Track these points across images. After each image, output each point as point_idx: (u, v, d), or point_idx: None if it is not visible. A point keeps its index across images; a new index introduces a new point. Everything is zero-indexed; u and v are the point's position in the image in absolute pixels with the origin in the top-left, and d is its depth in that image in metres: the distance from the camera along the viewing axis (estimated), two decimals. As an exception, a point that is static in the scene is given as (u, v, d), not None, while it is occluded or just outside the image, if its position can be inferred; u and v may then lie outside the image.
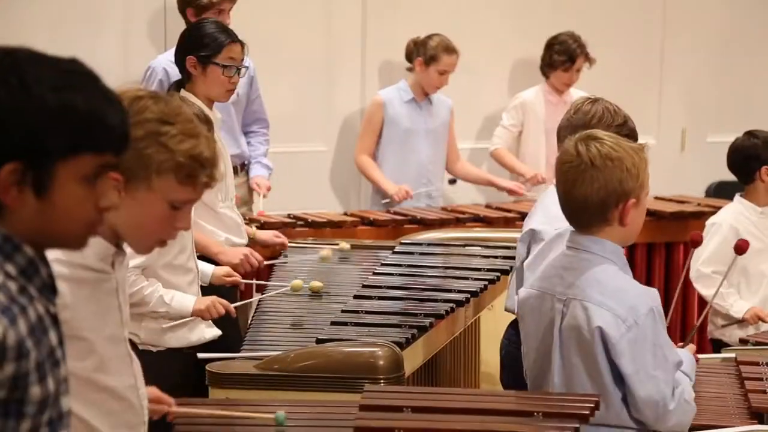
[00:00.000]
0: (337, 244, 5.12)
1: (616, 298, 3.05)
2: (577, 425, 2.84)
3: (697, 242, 3.95)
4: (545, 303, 3.15)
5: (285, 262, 4.90)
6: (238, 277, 4.43)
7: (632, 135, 3.73)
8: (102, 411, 2.55)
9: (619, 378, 3.06)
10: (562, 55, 6.71)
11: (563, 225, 3.26)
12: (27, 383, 1.82)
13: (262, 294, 4.49)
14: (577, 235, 3.15)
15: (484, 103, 7.25)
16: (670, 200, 6.48)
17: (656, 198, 6.50)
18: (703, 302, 5.69)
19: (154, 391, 2.86)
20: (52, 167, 1.85)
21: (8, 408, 1.81)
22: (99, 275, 2.53)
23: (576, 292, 3.09)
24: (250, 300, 4.51)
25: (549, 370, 3.15)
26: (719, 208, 5.43)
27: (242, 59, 4.70)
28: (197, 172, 2.55)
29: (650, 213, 6.03)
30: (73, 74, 1.87)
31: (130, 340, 2.68)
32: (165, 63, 5.40)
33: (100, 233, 2.34)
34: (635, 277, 6.04)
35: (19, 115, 1.82)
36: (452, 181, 6.73)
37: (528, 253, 3.78)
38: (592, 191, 3.06)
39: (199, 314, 3.95)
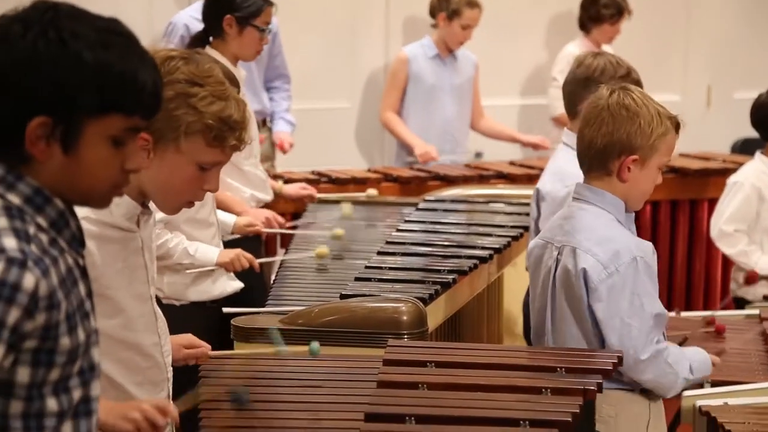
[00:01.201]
0: (364, 193, 5.14)
1: (602, 245, 3.07)
2: (600, 380, 2.85)
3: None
4: (546, 252, 3.19)
5: (308, 222, 4.90)
6: (259, 227, 4.45)
7: (637, 86, 3.76)
8: (128, 368, 2.58)
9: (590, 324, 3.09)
10: (610, 8, 6.62)
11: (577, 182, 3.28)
12: (57, 333, 1.84)
13: (286, 253, 4.50)
14: (581, 186, 3.17)
15: (522, 59, 7.22)
16: (695, 157, 6.45)
17: (681, 155, 6.47)
18: (727, 260, 5.69)
19: (190, 337, 2.90)
20: (81, 124, 1.86)
21: (38, 357, 1.83)
22: (125, 234, 2.55)
23: (569, 239, 3.12)
24: (274, 258, 4.53)
25: (546, 318, 3.19)
26: (743, 164, 5.40)
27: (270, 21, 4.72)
28: (226, 134, 2.55)
29: (674, 170, 6.02)
30: (112, 34, 1.88)
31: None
32: (186, 19, 5.40)
33: (127, 192, 2.36)
34: (659, 234, 6.07)
35: (54, 68, 1.84)
36: (479, 155, 6.71)
37: (538, 212, 3.83)
38: (599, 135, 3.08)
39: (224, 266, 3.98)
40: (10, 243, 1.80)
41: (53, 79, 1.84)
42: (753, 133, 5.44)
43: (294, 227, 4.83)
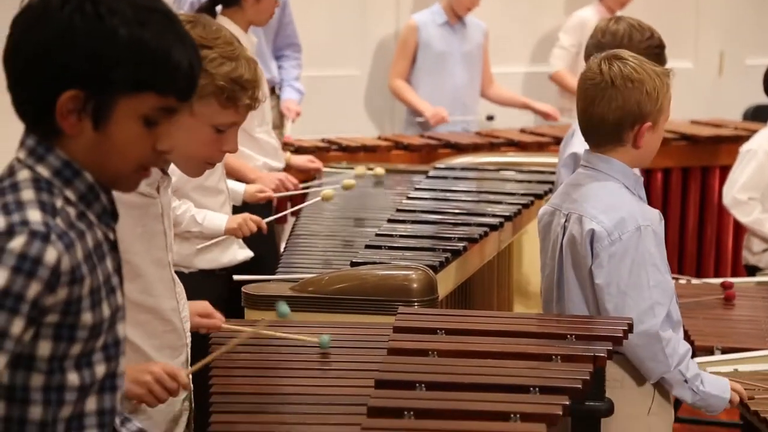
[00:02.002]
0: (372, 169, 5.13)
1: (608, 213, 3.06)
2: (610, 347, 2.85)
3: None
4: (555, 219, 3.19)
5: (320, 187, 4.91)
6: (270, 193, 4.46)
7: (661, 45, 3.81)
8: (146, 332, 2.59)
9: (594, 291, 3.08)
10: None
11: None
12: (79, 308, 1.83)
13: (297, 216, 4.51)
14: (590, 153, 3.17)
15: (540, 25, 7.19)
16: (707, 124, 6.43)
17: (692, 122, 6.45)
18: (738, 228, 5.68)
19: (206, 306, 2.90)
20: (113, 101, 1.84)
21: (60, 332, 1.83)
22: (146, 200, 2.56)
23: (576, 207, 3.12)
24: (284, 213, 4.53)
25: (553, 284, 3.19)
26: (756, 132, 5.39)
27: None
28: (239, 94, 2.56)
29: (686, 137, 6.01)
30: (150, 11, 1.86)
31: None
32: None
33: None
34: (670, 201, 6.07)
35: (89, 43, 1.82)
36: (490, 118, 6.69)
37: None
38: (610, 110, 3.06)
39: (232, 232, 3.98)
40: (35, 216, 1.80)
41: (87, 54, 1.82)
42: (765, 100, 5.43)
43: (306, 188, 4.84)
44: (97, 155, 1.87)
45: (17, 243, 1.77)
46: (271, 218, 4.31)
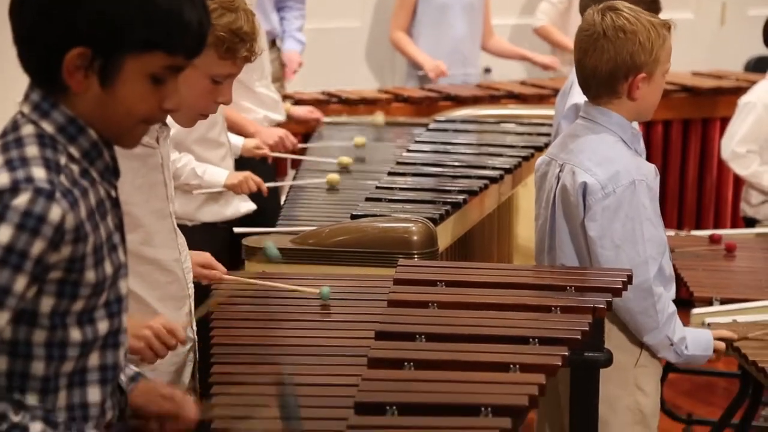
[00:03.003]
0: (370, 117, 5.14)
1: (603, 166, 3.07)
2: (609, 299, 2.87)
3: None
4: (550, 169, 3.20)
5: (319, 145, 4.90)
6: (266, 150, 4.46)
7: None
8: (148, 283, 2.60)
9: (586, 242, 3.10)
10: None
11: None
12: (83, 266, 1.84)
13: (295, 177, 4.51)
14: (588, 105, 3.17)
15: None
16: (708, 75, 6.41)
17: (693, 73, 6.44)
18: (738, 180, 5.68)
19: (207, 257, 2.92)
20: (121, 59, 1.84)
21: (63, 289, 1.84)
22: (146, 150, 2.56)
23: (570, 158, 3.13)
24: (283, 183, 4.54)
25: (545, 235, 3.20)
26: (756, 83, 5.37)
27: None
28: (237, 46, 2.56)
29: (687, 89, 5.99)
30: None
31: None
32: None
33: None
34: (670, 153, 6.06)
35: (98, 1, 1.81)
36: (487, 70, 6.67)
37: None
38: (602, 62, 3.06)
39: (232, 188, 3.99)
40: (39, 173, 1.80)
41: (96, 11, 1.81)
42: (767, 52, 5.41)
43: (303, 150, 4.84)
44: (103, 112, 1.87)
45: (22, 200, 1.77)
46: (272, 184, 4.32)
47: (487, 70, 6.60)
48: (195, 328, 2.75)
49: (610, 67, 3.07)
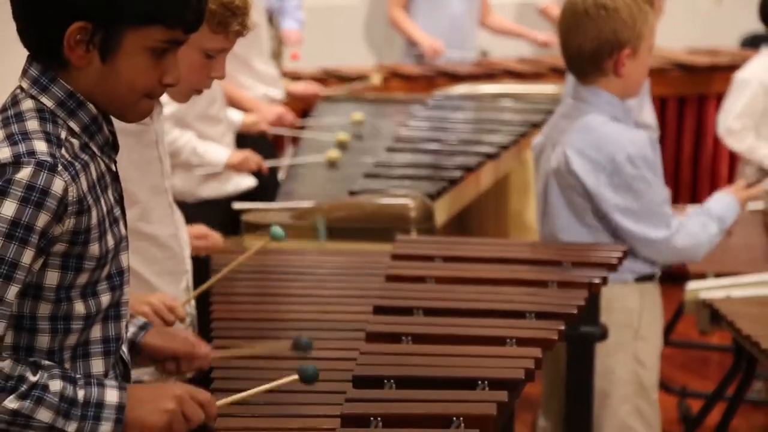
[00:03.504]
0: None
1: (596, 146, 3.09)
2: (605, 274, 2.89)
3: None
4: (546, 148, 3.21)
5: (318, 124, 4.92)
6: (264, 125, 4.48)
7: None
8: (146, 258, 2.63)
9: (591, 221, 3.13)
10: None
11: None
12: (87, 239, 1.86)
13: (295, 154, 4.53)
14: (578, 85, 3.19)
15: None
16: (704, 52, 6.42)
17: (689, 50, 6.45)
18: (733, 157, 5.70)
19: (201, 228, 2.94)
20: (122, 34, 1.85)
21: (67, 262, 1.86)
22: (140, 127, 2.58)
23: (563, 138, 3.15)
24: (283, 162, 4.56)
25: (542, 212, 3.24)
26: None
27: None
28: (229, 20, 2.56)
29: (682, 66, 6.00)
30: None
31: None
32: None
33: None
34: (666, 130, 6.08)
35: None
36: (484, 54, 6.67)
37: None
38: (585, 40, 3.09)
39: (232, 168, 4.01)
40: (41, 147, 1.81)
41: None
42: (763, 28, 5.42)
43: (302, 127, 4.86)
44: (105, 86, 1.88)
45: (24, 174, 1.78)
46: (272, 162, 4.33)
47: (484, 54, 6.60)
48: (194, 303, 2.78)
49: (594, 46, 3.08)
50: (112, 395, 1.85)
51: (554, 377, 3.27)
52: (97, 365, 1.93)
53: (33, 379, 1.80)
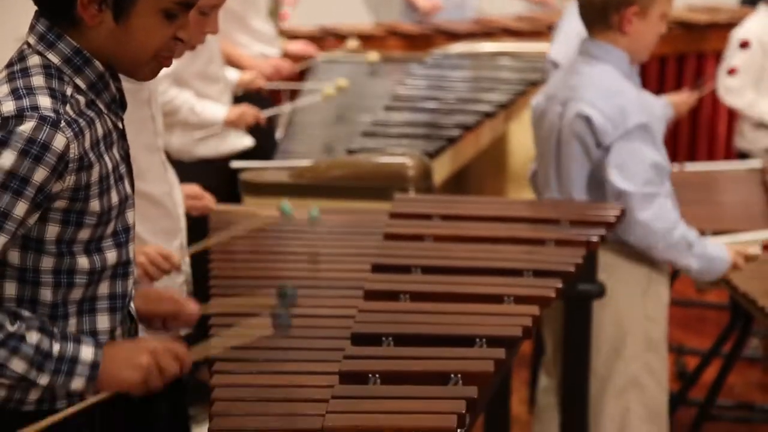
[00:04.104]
0: (365, 55, 5.14)
1: (607, 99, 3.09)
2: (603, 232, 2.90)
3: None
4: (550, 107, 3.21)
5: (315, 77, 4.92)
6: (262, 82, 4.47)
7: None
8: (139, 216, 2.62)
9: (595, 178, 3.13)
10: None
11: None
12: (88, 195, 1.87)
13: (294, 103, 4.53)
14: (586, 41, 3.19)
15: None
16: (703, 10, 6.40)
17: (688, 8, 6.43)
18: (731, 115, 5.70)
19: (195, 188, 2.94)
20: None
21: (68, 217, 1.87)
22: (132, 85, 2.56)
23: (573, 93, 3.14)
24: (281, 109, 4.55)
25: (550, 169, 3.23)
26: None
27: None
28: None
29: (681, 23, 5.99)
30: None
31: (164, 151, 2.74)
32: None
33: None
34: (665, 87, 6.06)
35: None
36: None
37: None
38: None
39: (231, 124, 4.01)
40: (45, 102, 1.81)
41: None
42: (762, -14, 5.39)
43: (300, 76, 4.85)
44: (117, 46, 1.88)
45: (26, 127, 1.79)
46: (270, 111, 4.33)
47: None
48: (188, 260, 2.78)
49: None
50: (87, 352, 1.87)
51: (558, 336, 3.29)
52: (103, 321, 1.94)
53: (11, 329, 1.82)
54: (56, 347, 1.85)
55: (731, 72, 5.03)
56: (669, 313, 3.32)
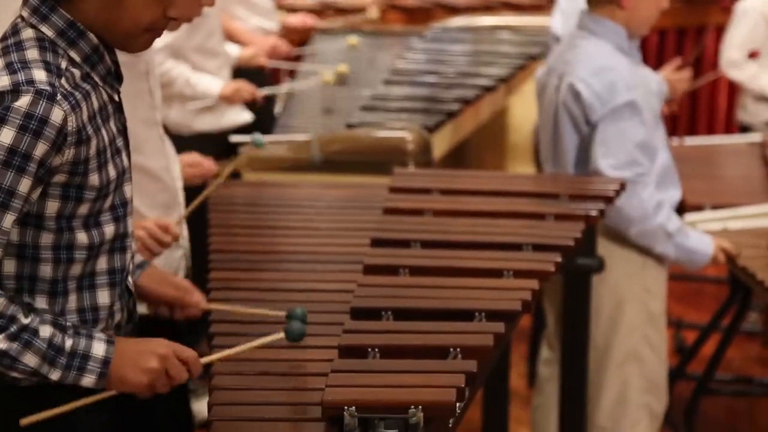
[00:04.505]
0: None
1: (599, 75, 3.09)
2: (602, 206, 2.90)
3: None
4: (550, 79, 3.21)
5: (314, 53, 4.90)
6: (263, 59, 4.46)
7: None
8: (137, 190, 2.62)
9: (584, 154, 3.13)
10: None
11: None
12: (86, 169, 1.86)
13: (292, 82, 4.52)
14: (584, 14, 3.18)
15: None
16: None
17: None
18: (732, 88, 5.69)
19: (193, 156, 2.94)
20: None
21: (67, 192, 1.86)
22: (130, 58, 2.55)
23: (567, 68, 3.14)
24: (278, 89, 4.54)
25: (548, 141, 3.24)
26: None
27: None
28: None
29: (682, -4, 5.96)
30: None
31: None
32: None
33: None
34: (664, 61, 6.05)
35: None
36: None
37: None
38: None
39: (226, 99, 4.00)
40: (40, 75, 1.80)
41: None
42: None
43: (298, 57, 4.84)
44: (109, 18, 1.87)
45: (23, 102, 1.78)
46: (267, 89, 4.32)
47: None
48: (187, 235, 2.78)
49: None
50: (98, 348, 1.87)
51: (560, 310, 3.29)
52: (103, 296, 1.94)
53: (24, 321, 1.81)
54: (68, 342, 1.85)
55: (753, 55, 5.02)
56: (668, 287, 3.33)
